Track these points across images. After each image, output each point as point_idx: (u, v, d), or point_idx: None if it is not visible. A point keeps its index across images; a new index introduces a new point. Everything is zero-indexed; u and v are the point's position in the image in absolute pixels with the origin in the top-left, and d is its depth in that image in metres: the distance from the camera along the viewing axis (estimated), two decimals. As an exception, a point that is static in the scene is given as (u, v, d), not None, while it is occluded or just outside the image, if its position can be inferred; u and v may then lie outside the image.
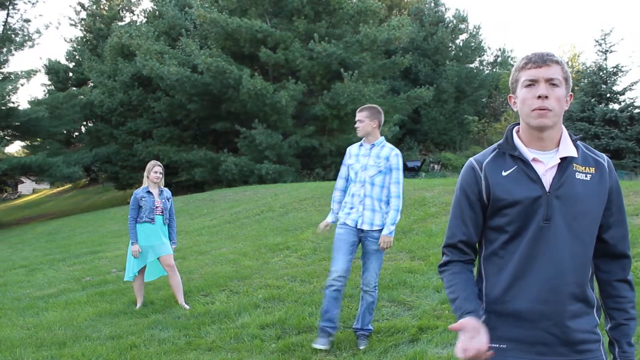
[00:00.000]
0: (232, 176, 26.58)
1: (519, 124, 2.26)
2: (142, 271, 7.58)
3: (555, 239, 2.09)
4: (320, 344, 5.44)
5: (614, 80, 29.98)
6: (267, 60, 27.10)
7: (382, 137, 5.63)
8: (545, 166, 2.14)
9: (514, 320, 2.14)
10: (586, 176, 2.15)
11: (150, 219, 7.43)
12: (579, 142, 2.22)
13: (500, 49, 42.87)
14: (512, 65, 34.14)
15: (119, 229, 16.86)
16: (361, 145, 5.62)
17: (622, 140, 27.12)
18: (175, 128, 31.68)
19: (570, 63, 45.80)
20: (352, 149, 5.67)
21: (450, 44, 38.23)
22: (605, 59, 30.51)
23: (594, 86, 29.59)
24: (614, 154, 27.34)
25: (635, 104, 29.16)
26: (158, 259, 7.46)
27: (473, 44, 38.81)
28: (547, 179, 2.12)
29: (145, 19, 40.93)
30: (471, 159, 2.28)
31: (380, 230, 5.42)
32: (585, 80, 30.64)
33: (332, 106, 26.51)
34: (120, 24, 41.33)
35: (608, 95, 29.55)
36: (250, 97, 25.66)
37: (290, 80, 26.46)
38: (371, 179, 5.47)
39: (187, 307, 7.20)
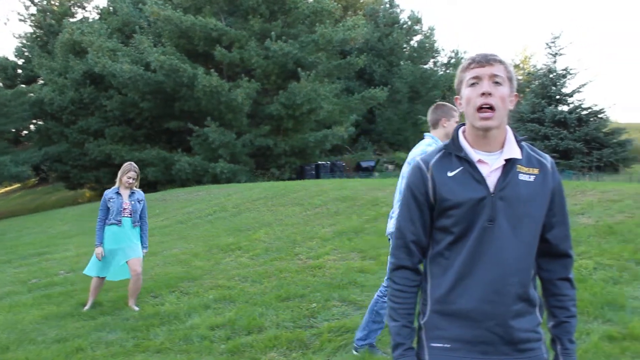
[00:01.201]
0: (186, 176, 26.34)
1: (465, 124, 2.26)
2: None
3: (499, 240, 2.10)
4: None
5: (563, 82, 30.65)
6: (221, 59, 26.92)
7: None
8: (490, 167, 2.14)
9: (458, 320, 2.14)
10: (530, 177, 2.15)
11: (117, 221, 7.19)
12: (523, 143, 2.23)
13: (453, 51, 43.35)
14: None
15: (69, 229, 16.54)
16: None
17: (570, 141, 27.72)
18: (127, 127, 31.23)
19: (521, 65, 46.71)
20: None
21: (404, 45, 38.60)
22: (555, 62, 31.18)
23: (544, 88, 30.20)
24: (562, 154, 27.93)
25: (583, 106, 29.87)
26: (127, 262, 7.26)
27: (427, 45, 39.23)
28: (491, 180, 2.12)
29: (98, 16, 40.23)
30: (418, 159, 2.27)
31: None
32: (536, 82, 31.24)
33: (287, 106, 26.47)
34: (71, 20, 40.50)
35: (557, 97, 30.17)
36: (205, 95, 25.46)
37: (244, 79, 26.32)
38: None
39: (136, 309, 7.09)
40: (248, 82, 26.13)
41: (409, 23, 39.20)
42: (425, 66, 39.06)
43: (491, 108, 2.10)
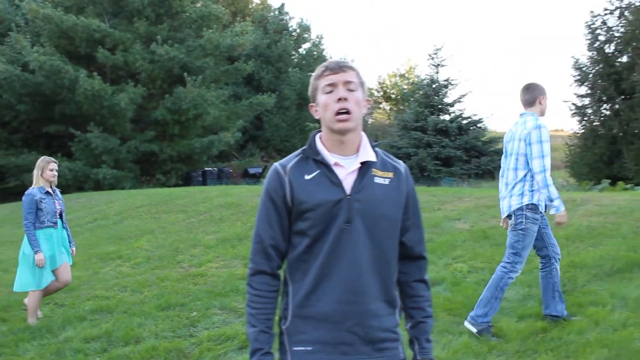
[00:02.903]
0: (66, 182, 25.19)
1: (321, 130, 2.34)
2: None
3: (356, 241, 2.17)
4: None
5: (445, 92, 31.99)
6: (105, 62, 26.09)
7: None
8: (347, 170, 2.21)
9: (319, 322, 2.18)
10: (384, 180, 2.25)
11: (53, 223, 6.65)
12: (377, 149, 2.33)
13: (341, 59, 44.01)
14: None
15: None
16: None
17: (451, 149, 28.87)
18: (2, 130, 29.52)
19: (406, 75, 48.22)
20: None
21: (293, 52, 38.85)
22: (437, 73, 32.46)
23: (427, 97, 31.36)
24: (444, 161, 29.03)
25: (464, 116, 31.26)
26: (55, 270, 6.74)
27: (315, 53, 39.66)
28: (348, 183, 2.19)
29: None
30: (276, 163, 2.32)
31: None
32: (420, 92, 32.38)
33: (173, 111, 26.04)
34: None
35: (439, 106, 31.41)
36: (87, 99, 24.60)
37: (129, 83, 25.64)
38: None
39: (37, 316, 6.68)
40: (134, 86, 25.47)
41: (298, 31, 39.54)
42: (313, 74, 39.45)
43: (347, 112, 2.19)
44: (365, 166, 2.23)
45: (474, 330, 5.29)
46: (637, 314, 5.55)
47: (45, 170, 6.74)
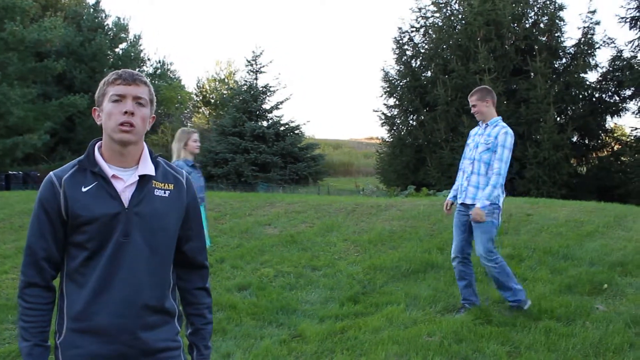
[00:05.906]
0: None
1: (101, 139, 2.28)
2: None
3: (134, 255, 2.16)
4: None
5: (264, 98, 32.46)
6: None
7: (499, 117, 5.90)
8: (125, 183, 2.19)
9: (94, 336, 2.14)
10: (165, 192, 2.25)
11: (200, 199, 5.67)
12: (159, 159, 2.34)
13: (160, 61, 43.14)
14: (172, 78, 34.53)
15: None
16: (479, 126, 5.99)
17: (268, 155, 29.32)
18: None
19: (226, 80, 48.19)
20: (472, 131, 6.07)
21: (109, 52, 37.32)
22: (256, 79, 32.87)
23: (246, 103, 31.63)
24: (262, 167, 29.40)
25: (282, 122, 31.91)
26: None
27: (133, 53, 38.48)
28: (126, 196, 2.18)
29: None
30: (51, 173, 2.25)
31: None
32: (239, 98, 32.56)
33: (-31, 110, 24.00)
34: None
35: (258, 112, 31.81)
36: None
37: None
38: (479, 156, 5.77)
39: None
40: None
41: (115, 30, 38.08)
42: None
43: (131, 125, 2.18)
44: (145, 179, 2.23)
45: (523, 307, 5.74)
46: (426, 311, 5.95)
47: (189, 141, 6.16)
